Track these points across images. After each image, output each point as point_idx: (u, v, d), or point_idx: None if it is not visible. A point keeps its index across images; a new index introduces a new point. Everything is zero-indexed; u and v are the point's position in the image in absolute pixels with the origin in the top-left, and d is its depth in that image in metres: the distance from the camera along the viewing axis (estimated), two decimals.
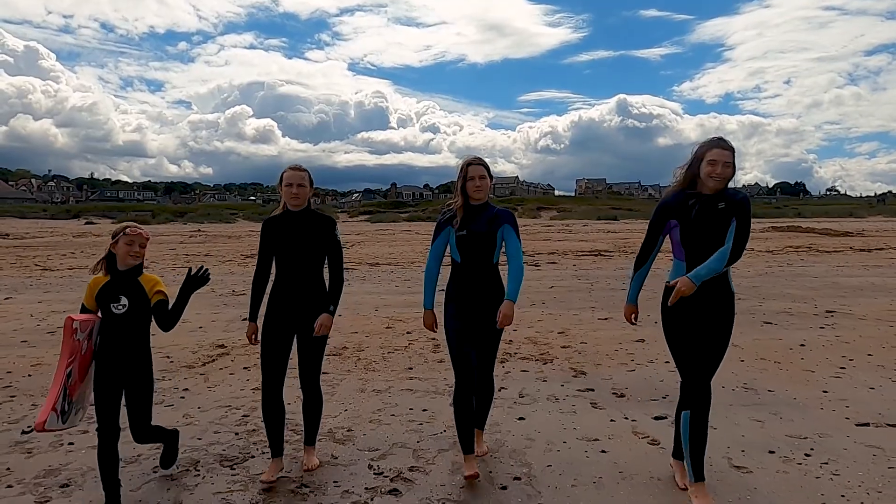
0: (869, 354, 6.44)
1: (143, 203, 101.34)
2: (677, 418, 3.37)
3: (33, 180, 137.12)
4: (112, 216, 63.34)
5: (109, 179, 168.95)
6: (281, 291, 3.57)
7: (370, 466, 3.72)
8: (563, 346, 6.89)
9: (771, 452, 3.89)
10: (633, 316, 3.56)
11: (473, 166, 3.61)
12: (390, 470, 3.67)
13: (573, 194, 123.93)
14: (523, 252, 3.79)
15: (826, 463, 3.72)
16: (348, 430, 4.32)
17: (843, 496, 3.30)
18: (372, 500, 3.31)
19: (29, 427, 4.33)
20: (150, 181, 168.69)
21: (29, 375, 5.82)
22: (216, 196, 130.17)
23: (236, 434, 4.28)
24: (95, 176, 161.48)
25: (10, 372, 5.93)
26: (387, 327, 8.03)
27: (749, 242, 3.30)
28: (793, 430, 4.26)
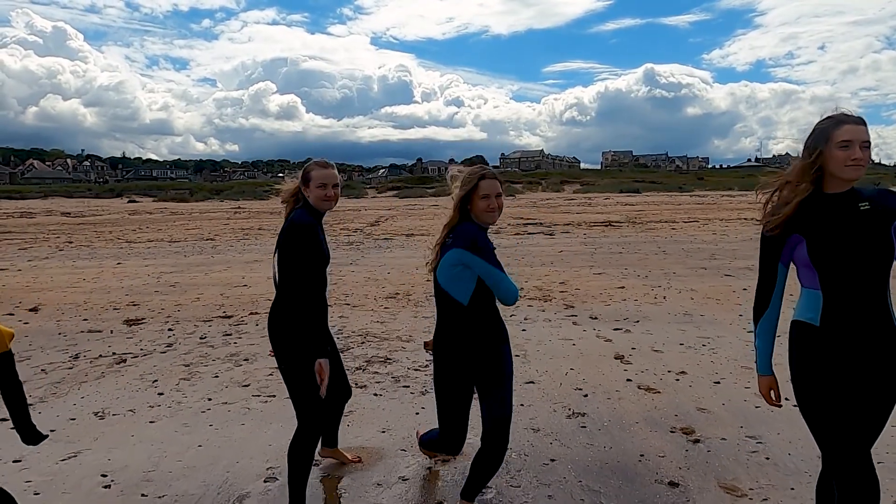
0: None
1: (176, 181, 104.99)
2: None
3: (68, 160, 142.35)
4: (153, 194, 66.58)
5: (140, 158, 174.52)
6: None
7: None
8: (561, 292, 9.13)
9: (681, 344, 6.12)
10: (771, 392, 2.45)
11: (488, 181, 2.85)
12: None
13: (599, 167, 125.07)
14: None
15: (713, 349, 5.92)
16: (410, 336, 6.65)
17: (711, 362, 5.51)
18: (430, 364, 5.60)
19: None
20: (179, 159, 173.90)
21: (178, 310, 8.25)
22: (245, 173, 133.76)
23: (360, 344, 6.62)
24: (126, 155, 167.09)
25: (163, 309, 8.35)
26: (427, 280, 10.30)
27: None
28: (702, 334, 6.47)
